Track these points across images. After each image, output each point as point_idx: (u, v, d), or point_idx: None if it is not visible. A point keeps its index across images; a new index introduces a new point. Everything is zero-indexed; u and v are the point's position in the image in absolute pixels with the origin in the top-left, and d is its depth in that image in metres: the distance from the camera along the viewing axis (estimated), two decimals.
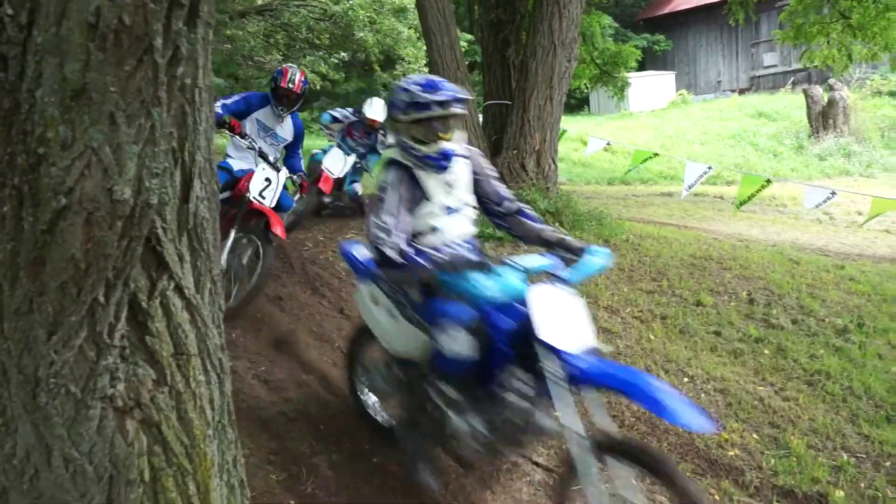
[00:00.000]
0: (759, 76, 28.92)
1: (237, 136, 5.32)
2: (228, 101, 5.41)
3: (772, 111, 22.92)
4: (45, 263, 1.28)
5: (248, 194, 5.04)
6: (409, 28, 17.47)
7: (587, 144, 11.53)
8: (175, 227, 1.46)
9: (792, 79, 26.44)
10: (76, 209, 1.23)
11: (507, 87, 8.52)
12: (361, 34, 16.76)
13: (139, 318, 1.45)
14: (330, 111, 8.56)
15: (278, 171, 5.29)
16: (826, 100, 19.46)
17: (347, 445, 3.58)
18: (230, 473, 1.71)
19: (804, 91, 20.30)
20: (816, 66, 12.80)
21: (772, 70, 28.35)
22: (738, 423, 4.13)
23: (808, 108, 19.76)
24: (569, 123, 23.28)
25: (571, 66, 7.96)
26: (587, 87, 14.59)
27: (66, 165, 1.22)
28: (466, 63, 9.04)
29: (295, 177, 5.66)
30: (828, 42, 11.44)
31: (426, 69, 14.87)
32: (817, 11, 11.59)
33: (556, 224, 7.33)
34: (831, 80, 19.66)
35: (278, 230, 5.03)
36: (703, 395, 4.47)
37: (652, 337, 5.29)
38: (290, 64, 6.09)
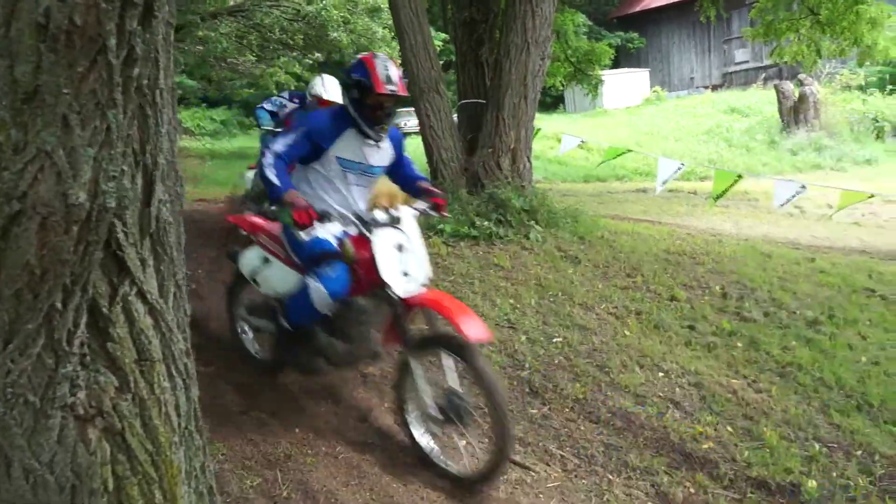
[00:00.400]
0: (731, 72, 29.29)
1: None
2: (282, 147, 3.35)
3: (744, 107, 23.23)
4: (0, 270, 1.25)
5: (391, 291, 3.29)
6: (384, 28, 17.42)
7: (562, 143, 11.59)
8: (137, 230, 1.44)
9: (763, 75, 26.81)
10: (30, 214, 1.21)
11: (482, 85, 8.52)
12: (335, 34, 16.68)
13: (100, 325, 1.42)
14: (263, 105, 6.74)
15: (398, 220, 3.45)
16: (797, 95, 19.75)
17: (323, 448, 3.55)
18: (198, 480, 1.69)
19: (775, 87, 20.60)
20: (787, 62, 12.97)
21: (743, 66, 28.72)
22: (712, 417, 4.17)
23: (780, 103, 20.05)
24: (544, 122, 23.38)
25: (545, 65, 7.99)
26: (562, 86, 14.64)
27: (18, 170, 1.19)
28: (442, 62, 9.03)
29: (425, 203, 3.77)
30: (798, 38, 11.61)
31: (401, 68, 14.82)
32: (787, 8, 11.75)
33: (532, 222, 7.36)
34: (801, 76, 19.95)
35: (476, 330, 3.12)
36: (677, 389, 4.50)
37: (627, 333, 5.32)
38: (374, 52, 3.84)
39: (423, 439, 3.46)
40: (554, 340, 5.05)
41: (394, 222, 3.42)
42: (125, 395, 1.47)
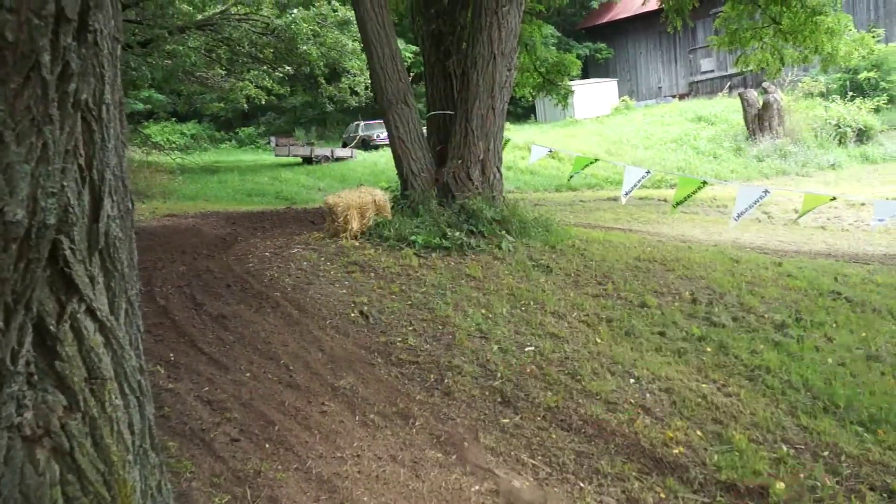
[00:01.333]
0: (697, 81, 29.77)
1: None
2: None
3: (710, 115, 23.64)
4: None
5: None
6: (354, 40, 17.44)
7: (531, 152, 11.67)
8: (84, 247, 1.41)
9: (728, 83, 27.30)
10: None
11: (450, 97, 8.56)
12: (305, 47, 16.67)
13: (47, 343, 1.39)
14: None
15: None
16: (761, 103, 20.12)
17: (294, 464, 3.52)
18: (155, 499, 1.66)
19: (740, 95, 20.97)
20: (751, 70, 13.22)
21: (709, 75, 29.22)
22: (682, 421, 4.20)
23: (745, 111, 20.42)
24: (516, 132, 23.58)
25: (512, 76, 8.05)
26: (532, 96, 14.76)
27: None
28: (414, 74, 9.05)
29: None
30: (761, 46, 11.85)
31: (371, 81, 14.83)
32: (750, 17, 11.98)
33: (503, 232, 7.39)
34: (765, 84, 20.33)
35: None
36: (648, 395, 4.53)
37: (598, 340, 5.35)
38: None
39: None
40: (526, 349, 5.06)
41: None
42: (74, 414, 1.44)
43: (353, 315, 5.52)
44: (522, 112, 30.59)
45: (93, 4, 1.25)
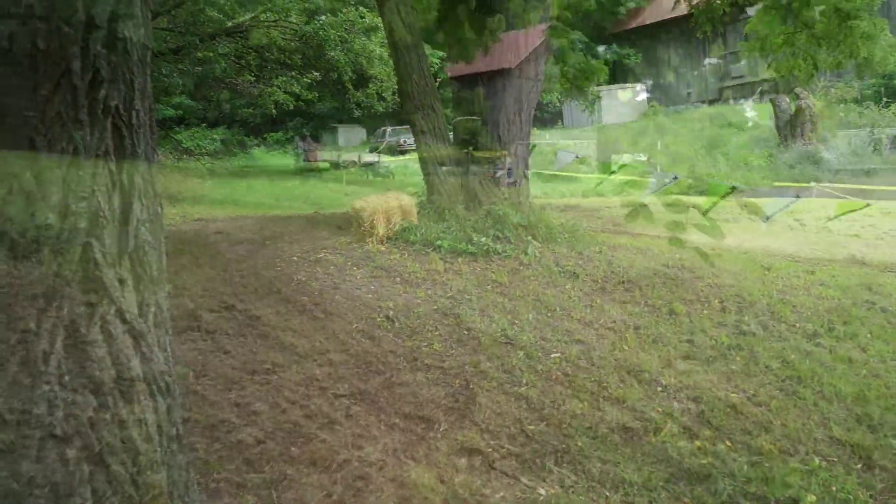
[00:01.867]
0: (727, 87, 29.40)
1: None
2: None
3: (741, 121, 23.33)
4: None
5: None
6: (381, 46, 17.55)
7: (557, 158, 11.61)
8: (115, 250, 1.43)
9: (759, 89, 26.90)
10: None
11: (477, 102, 8.56)
12: (333, 53, 16.80)
13: (78, 345, 1.41)
14: None
15: None
16: (793, 108, 19.79)
17: (320, 467, 3.53)
18: (182, 499, 1.67)
19: (772, 100, 20.65)
20: (783, 77, 12.99)
21: (739, 81, 28.83)
22: (710, 431, 4.14)
23: (776, 117, 20.09)
24: (543, 137, 23.51)
25: (539, 82, 8.03)
26: (559, 101, 14.70)
27: None
28: (441, 80, 9.07)
29: None
30: (793, 52, 11.63)
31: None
32: (782, 22, 11.78)
33: (529, 237, 7.36)
34: (797, 90, 19.99)
35: None
36: (676, 403, 4.47)
37: (625, 347, 5.30)
38: None
39: None
40: (552, 356, 5.03)
41: None
42: (104, 414, 1.45)
43: (378, 319, 5.54)
44: (549, 117, 30.48)
45: (122, 13, 1.27)
